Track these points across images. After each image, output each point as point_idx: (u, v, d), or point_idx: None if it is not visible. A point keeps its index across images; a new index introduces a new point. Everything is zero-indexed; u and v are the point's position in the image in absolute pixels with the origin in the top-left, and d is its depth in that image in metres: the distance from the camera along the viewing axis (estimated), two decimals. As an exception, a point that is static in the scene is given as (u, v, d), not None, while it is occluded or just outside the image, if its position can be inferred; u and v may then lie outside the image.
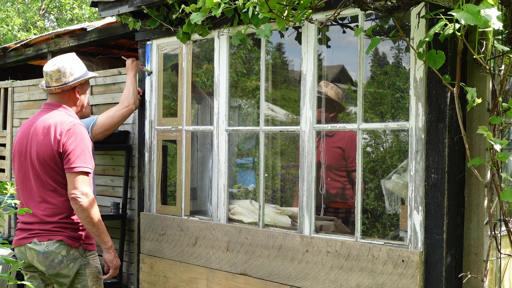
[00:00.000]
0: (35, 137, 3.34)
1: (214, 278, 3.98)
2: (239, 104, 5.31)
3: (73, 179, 3.23)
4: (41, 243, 3.28)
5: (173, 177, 4.68)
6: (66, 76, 3.41)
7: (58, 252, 3.28)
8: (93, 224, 3.29)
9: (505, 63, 2.90)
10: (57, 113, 3.40)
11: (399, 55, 4.64)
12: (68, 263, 3.30)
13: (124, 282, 4.98)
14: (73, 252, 3.32)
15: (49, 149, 3.27)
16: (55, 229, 3.29)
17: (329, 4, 3.22)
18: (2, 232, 6.34)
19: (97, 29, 5.29)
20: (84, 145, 3.30)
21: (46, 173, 3.30)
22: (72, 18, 16.93)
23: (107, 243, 3.41)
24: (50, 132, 3.28)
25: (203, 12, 3.00)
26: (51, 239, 3.28)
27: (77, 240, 3.35)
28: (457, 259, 3.07)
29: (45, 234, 3.29)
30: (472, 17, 2.21)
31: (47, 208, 3.31)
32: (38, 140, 3.31)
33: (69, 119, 3.36)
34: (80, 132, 3.33)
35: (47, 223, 3.30)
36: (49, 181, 3.30)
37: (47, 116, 3.38)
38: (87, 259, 3.38)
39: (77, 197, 3.21)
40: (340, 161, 4.41)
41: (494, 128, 2.84)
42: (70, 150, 3.24)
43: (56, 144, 3.26)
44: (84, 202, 3.22)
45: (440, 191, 3.00)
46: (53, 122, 3.32)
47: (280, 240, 3.61)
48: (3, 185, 2.42)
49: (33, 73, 7.20)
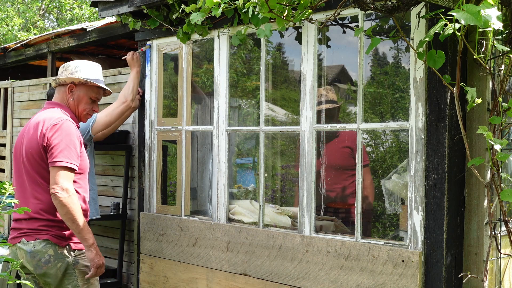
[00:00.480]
0: (27, 133, 3.32)
1: (214, 278, 3.98)
2: (239, 104, 5.31)
3: (54, 174, 3.14)
4: (29, 243, 3.22)
5: (173, 177, 4.68)
6: (66, 73, 3.39)
7: (44, 251, 3.20)
8: (73, 220, 3.16)
9: (505, 63, 2.90)
10: (51, 110, 3.36)
11: (399, 55, 4.65)
12: (56, 262, 3.21)
13: (124, 282, 4.98)
14: (60, 252, 3.23)
15: (35, 143, 3.23)
16: (42, 228, 3.22)
17: (329, 4, 3.22)
18: (2, 232, 6.34)
19: (97, 29, 5.30)
20: (69, 141, 3.21)
21: (33, 169, 3.25)
22: (72, 18, 16.93)
23: (88, 241, 3.25)
24: (38, 127, 3.24)
25: (203, 12, 3.00)
26: (38, 238, 3.21)
27: (64, 239, 3.26)
28: (457, 259, 3.07)
29: (33, 233, 3.23)
30: (472, 17, 2.21)
31: (36, 204, 3.24)
32: (28, 136, 3.29)
33: (57, 115, 3.29)
34: (68, 127, 3.24)
35: (35, 221, 3.23)
36: (37, 176, 3.24)
37: (41, 113, 3.37)
38: (76, 259, 3.27)
39: (56, 192, 3.12)
40: (349, 160, 4.40)
41: (494, 128, 2.84)
42: (54, 144, 3.17)
43: (41, 138, 3.20)
44: (63, 198, 3.12)
45: (440, 191, 2.99)
46: (42, 118, 3.29)
47: (280, 240, 3.61)
48: (2, 185, 2.42)
49: (33, 73, 7.21)
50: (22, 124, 6.22)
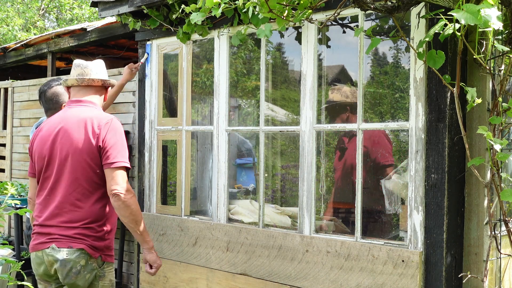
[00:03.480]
0: (66, 134, 3.11)
1: (214, 278, 3.98)
2: (239, 104, 5.31)
3: (113, 175, 3.01)
4: (60, 250, 3.04)
5: (173, 177, 4.68)
6: (93, 74, 3.33)
7: (77, 261, 3.04)
8: (136, 222, 3.09)
9: (505, 63, 2.90)
10: (88, 108, 3.20)
11: (399, 55, 4.64)
12: (85, 273, 3.08)
13: (124, 282, 4.98)
14: (91, 263, 3.09)
15: (87, 144, 3.06)
16: (77, 236, 3.06)
17: (329, 4, 3.22)
18: (2, 232, 6.34)
19: (97, 29, 5.30)
20: (123, 140, 3.11)
21: (79, 172, 3.07)
22: (72, 18, 16.93)
23: (149, 243, 3.22)
24: (87, 127, 3.08)
25: (203, 12, 3.00)
26: (71, 247, 3.05)
27: (98, 250, 3.12)
28: (457, 259, 3.07)
29: (66, 240, 3.05)
30: (472, 17, 2.21)
31: (72, 211, 3.08)
32: (71, 137, 3.09)
33: (103, 114, 3.18)
34: (119, 126, 3.15)
35: (69, 228, 3.06)
36: (83, 181, 3.07)
37: (77, 111, 3.17)
38: (104, 271, 3.15)
39: (120, 193, 3.00)
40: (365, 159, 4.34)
41: (494, 128, 2.84)
42: (112, 145, 3.05)
43: (96, 139, 3.05)
44: (127, 198, 3.01)
45: (440, 191, 3.00)
46: (87, 117, 3.11)
47: (280, 240, 3.61)
48: (3, 185, 2.42)
49: (33, 73, 7.21)
50: (22, 124, 6.22)
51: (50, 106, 4.01)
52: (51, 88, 4.02)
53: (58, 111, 3.81)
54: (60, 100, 3.98)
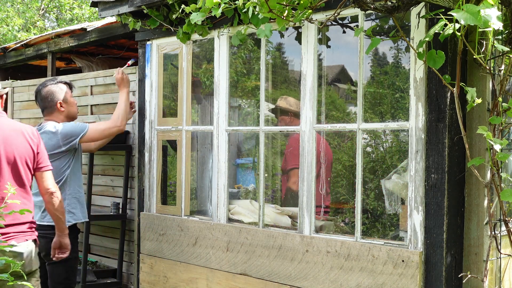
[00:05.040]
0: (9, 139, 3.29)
1: (214, 278, 3.97)
2: (239, 104, 5.31)
3: (48, 177, 3.40)
4: (19, 245, 3.22)
5: (173, 177, 4.68)
6: None
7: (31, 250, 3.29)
8: (63, 213, 3.52)
9: (505, 63, 2.90)
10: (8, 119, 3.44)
11: (399, 55, 4.64)
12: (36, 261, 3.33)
13: (124, 282, 4.98)
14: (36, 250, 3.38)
15: (29, 150, 3.31)
16: (28, 230, 3.29)
17: (329, 4, 3.22)
18: (2, 232, 6.34)
19: (97, 29, 5.29)
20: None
21: (24, 173, 3.31)
22: (72, 18, 16.92)
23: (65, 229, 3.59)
24: (25, 135, 3.31)
25: (203, 12, 3.00)
26: (27, 240, 3.27)
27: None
28: (457, 259, 3.07)
29: (21, 235, 3.25)
30: (472, 17, 2.21)
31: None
32: (15, 142, 3.28)
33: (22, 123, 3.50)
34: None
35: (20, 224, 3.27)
36: (25, 181, 3.31)
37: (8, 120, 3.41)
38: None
39: (54, 191, 3.41)
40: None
41: (494, 128, 2.84)
42: (42, 151, 3.40)
43: (35, 146, 3.35)
44: (59, 196, 3.45)
45: (440, 191, 2.99)
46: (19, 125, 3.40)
47: (280, 240, 3.61)
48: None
49: (33, 73, 7.20)
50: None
51: (45, 105, 4.05)
52: (45, 87, 4.06)
53: (54, 110, 4.02)
54: (55, 98, 4.01)
